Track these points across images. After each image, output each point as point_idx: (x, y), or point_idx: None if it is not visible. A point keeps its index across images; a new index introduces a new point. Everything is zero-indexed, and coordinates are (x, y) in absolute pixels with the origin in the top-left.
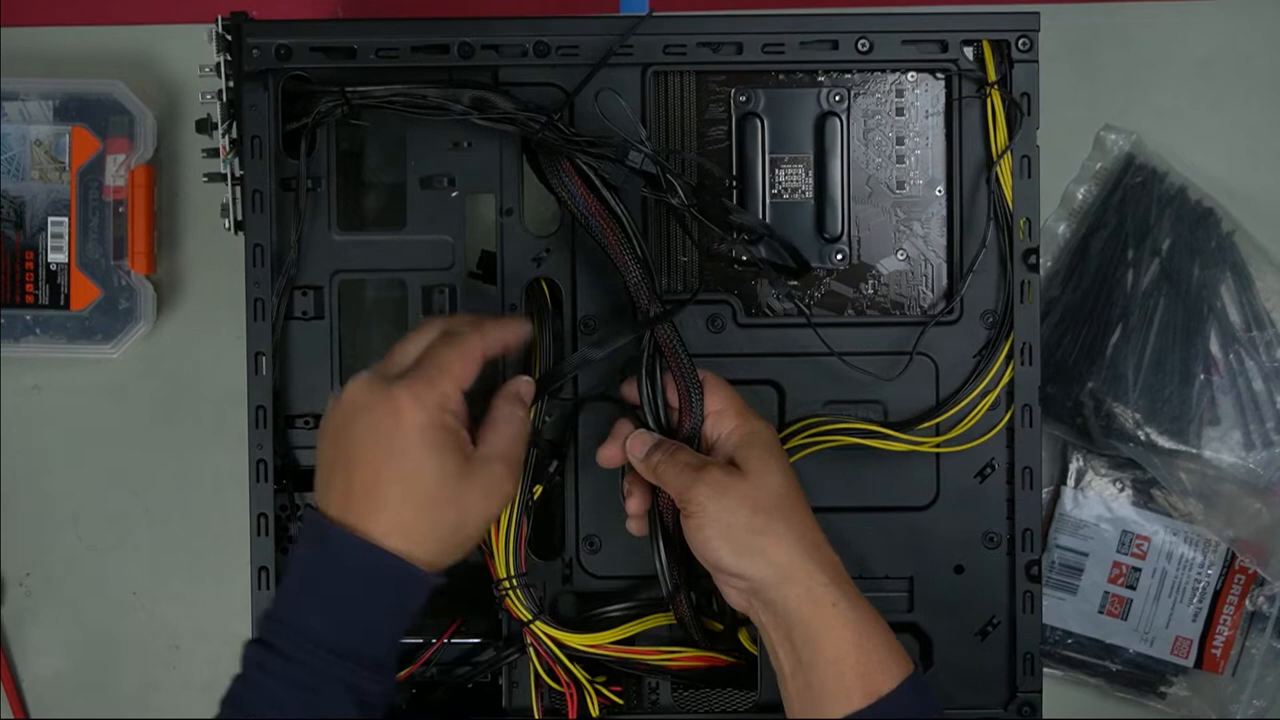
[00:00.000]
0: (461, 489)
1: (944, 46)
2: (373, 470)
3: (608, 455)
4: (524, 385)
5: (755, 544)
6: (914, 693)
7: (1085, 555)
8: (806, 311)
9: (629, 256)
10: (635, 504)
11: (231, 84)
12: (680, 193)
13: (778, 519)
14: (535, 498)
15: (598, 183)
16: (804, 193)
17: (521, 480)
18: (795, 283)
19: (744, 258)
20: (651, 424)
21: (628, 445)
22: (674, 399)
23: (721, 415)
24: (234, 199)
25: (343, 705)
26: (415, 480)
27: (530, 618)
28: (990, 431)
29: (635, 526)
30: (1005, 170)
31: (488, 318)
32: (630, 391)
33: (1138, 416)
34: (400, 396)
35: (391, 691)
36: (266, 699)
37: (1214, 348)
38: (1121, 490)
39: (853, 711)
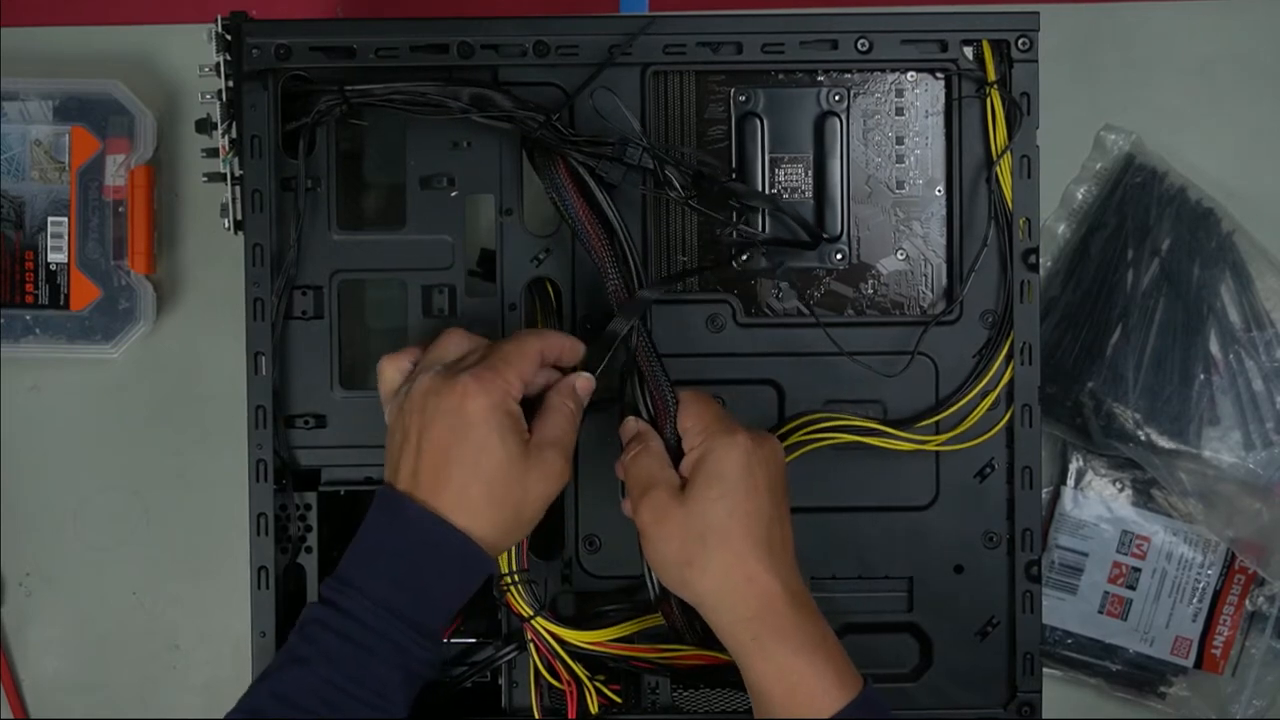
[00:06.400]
0: (523, 471)
1: (944, 46)
2: (441, 451)
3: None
4: (582, 381)
5: (682, 574)
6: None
7: (1085, 555)
8: (812, 311)
9: (609, 261)
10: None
11: (231, 84)
12: (678, 184)
13: (706, 550)
14: None
15: (592, 183)
16: (804, 192)
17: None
18: (808, 260)
19: (746, 255)
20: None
21: (620, 430)
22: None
23: (689, 433)
24: (234, 199)
25: (392, 669)
26: (480, 461)
27: (531, 614)
28: (990, 431)
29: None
30: (1005, 170)
31: (549, 330)
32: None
33: (1138, 416)
34: (467, 382)
35: (438, 665)
36: (322, 652)
37: (1214, 348)
38: (1121, 490)
39: None
